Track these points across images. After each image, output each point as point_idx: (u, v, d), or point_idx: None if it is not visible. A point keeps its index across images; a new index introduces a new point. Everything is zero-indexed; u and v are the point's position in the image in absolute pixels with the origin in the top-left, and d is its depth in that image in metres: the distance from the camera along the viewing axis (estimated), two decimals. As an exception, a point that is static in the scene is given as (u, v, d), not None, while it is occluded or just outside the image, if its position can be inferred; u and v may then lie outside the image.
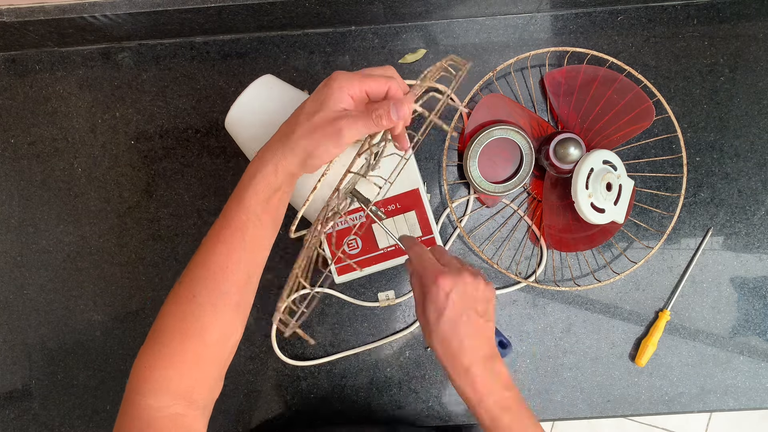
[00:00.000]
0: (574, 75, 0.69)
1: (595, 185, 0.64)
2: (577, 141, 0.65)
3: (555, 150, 0.65)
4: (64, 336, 0.70)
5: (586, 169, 0.64)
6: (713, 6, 0.71)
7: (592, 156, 0.64)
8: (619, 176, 0.66)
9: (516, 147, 0.67)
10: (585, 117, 0.68)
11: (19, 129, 0.71)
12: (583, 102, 0.68)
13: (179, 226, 0.71)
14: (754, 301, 0.72)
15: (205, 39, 0.71)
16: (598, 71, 0.68)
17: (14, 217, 0.71)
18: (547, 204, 0.68)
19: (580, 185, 0.64)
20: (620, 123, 0.67)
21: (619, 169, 0.66)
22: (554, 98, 0.69)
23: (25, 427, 0.71)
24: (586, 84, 0.68)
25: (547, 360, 0.71)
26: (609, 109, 0.68)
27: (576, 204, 0.64)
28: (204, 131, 0.71)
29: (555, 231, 0.68)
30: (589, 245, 0.69)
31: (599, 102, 0.68)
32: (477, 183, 0.67)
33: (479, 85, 0.69)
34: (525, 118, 0.69)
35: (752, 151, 0.71)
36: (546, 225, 0.68)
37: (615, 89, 0.67)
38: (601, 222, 0.65)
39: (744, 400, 0.72)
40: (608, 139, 0.68)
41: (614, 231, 0.69)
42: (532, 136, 0.69)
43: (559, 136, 0.65)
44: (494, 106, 0.68)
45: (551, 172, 0.68)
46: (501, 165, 0.69)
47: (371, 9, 0.66)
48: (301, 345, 0.71)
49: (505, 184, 0.68)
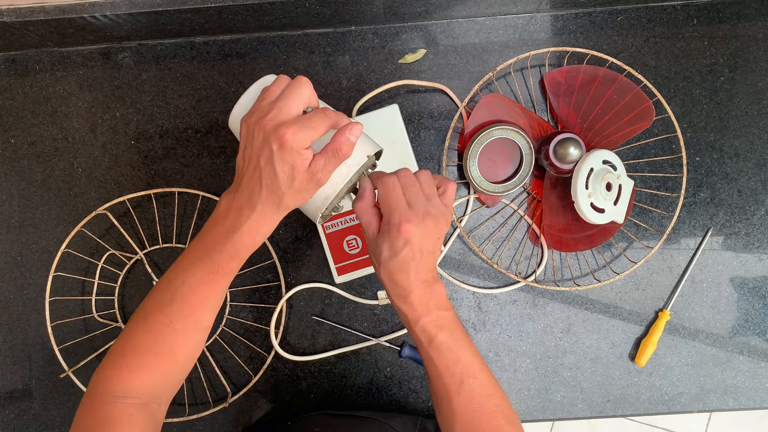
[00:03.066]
0: (574, 75, 0.69)
1: (594, 185, 0.64)
2: (576, 141, 0.65)
3: (555, 150, 0.65)
4: (64, 336, 0.70)
5: (586, 169, 0.64)
6: (713, 6, 0.71)
7: (592, 156, 0.64)
8: (619, 176, 0.66)
9: (516, 147, 0.67)
10: (585, 117, 0.68)
11: (19, 129, 0.71)
12: (582, 102, 0.68)
13: (179, 226, 0.71)
14: (754, 301, 0.72)
15: (205, 39, 0.71)
16: (597, 71, 0.68)
17: (14, 217, 0.71)
18: (547, 204, 0.68)
19: (579, 185, 0.64)
20: (620, 123, 0.67)
21: (619, 169, 0.66)
22: (554, 98, 0.69)
23: (25, 427, 0.71)
24: (586, 84, 0.68)
25: (547, 360, 0.71)
26: (609, 109, 0.68)
27: (576, 204, 0.64)
28: (204, 131, 0.71)
29: (555, 231, 0.68)
30: (588, 245, 0.69)
31: (599, 102, 0.68)
32: (477, 183, 0.67)
33: (479, 85, 0.69)
34: (525, 118, 0.69)
35: (752, 151, 0.72)
36: (546, 225, 0.68)
37: (615, 89, 0.67)
38: (601, 222, 0.65)
39: (744, 400, 0.72)
40: (608, 139, 0.68)
41: (614, 231, 0.69)
42: (532, 136, 0.69)
43: (558, 136, 0.65)
44: (494, 107, 0.68)
45: (551, 172, 0.68)
46: (501, 165, 0.69)
47: (371, 9, 0.66)
48: (301, 344, 0.71)
49: (505, 184, 0.68)
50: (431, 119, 0.71)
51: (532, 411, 0.71)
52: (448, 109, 0.71)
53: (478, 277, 0.71)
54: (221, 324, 0.70)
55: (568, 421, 1.20)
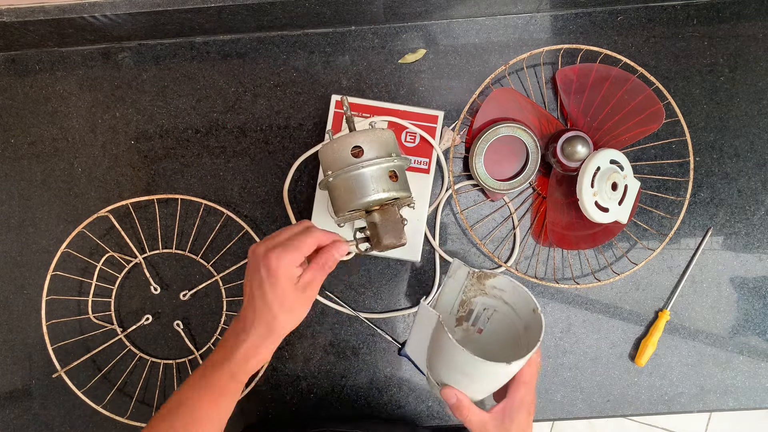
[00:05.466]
0: (586, 73, 0.68)
1: (600, 184, 0.64)
2: (585, 139, 0.65)
3: (563, 147, 0.65)
4: (62, 335, 0.70)
5: (592, 168, 0.64)
6: (713, 6, 0.71)
7: (600, 155, 0.64)
8: (626, 176, 0.66)
9: (522, 145, 0.67)
10: (595, 116, 0.68)
11: (19, 129, 0.71)
12: (593, 101, 0.68)
13: (180, 228, 0.71)
14: (754, 301, 0.72)
15: (205, 39, 0.71)
16: (610, 71, 0.68)
17: (14, 217, 0.71)
18: (552, 201, 0.68)
19: (585, 183, 0.64)
20: (630, 124, 0.67)
21: (626, 170, 0.66)
22: (565, 95, 0.69)
23: (25, 427, 0.71)
24: (598, 83, 0.68)
25: (547, 360, 0.71)
26: (619, 109, 0.68)
27: (580, 201, 0.64)
28: (204, 131, 0.71)
29: (558, 228, 0.68)
30: (591, 244, 0.69)
31: (609, 101, 0.68)
32: (483, 180, 0.68)
33: (490, 78, 0.69)
34: (534, 113, 0.69)
35: (752, 151, 0.72)
36: (549, 222, 0.68)
37: (626, 90, 0.67)
38: (605, 221, 0.65)
39: (744, 400, 0.72)
40: (616, 139, 0.68)
41: (617, 231, 0.69)
42: (541, 132, 0.69)
43: (567, 133, 0.66)
44: (504, 100, 0.68)
45: (557, 169, 0.68)
46: (507, 162, 0.69)
47: (371, 9, 0.66)
48: (301, 344, 0.71)
49: (510, 182, 0.68)
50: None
51: (532, 411, 0.71)
52: (458, 102, 0.71)
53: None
54: (221, 322, 0.70)
55: (568, 421, 1.20)
